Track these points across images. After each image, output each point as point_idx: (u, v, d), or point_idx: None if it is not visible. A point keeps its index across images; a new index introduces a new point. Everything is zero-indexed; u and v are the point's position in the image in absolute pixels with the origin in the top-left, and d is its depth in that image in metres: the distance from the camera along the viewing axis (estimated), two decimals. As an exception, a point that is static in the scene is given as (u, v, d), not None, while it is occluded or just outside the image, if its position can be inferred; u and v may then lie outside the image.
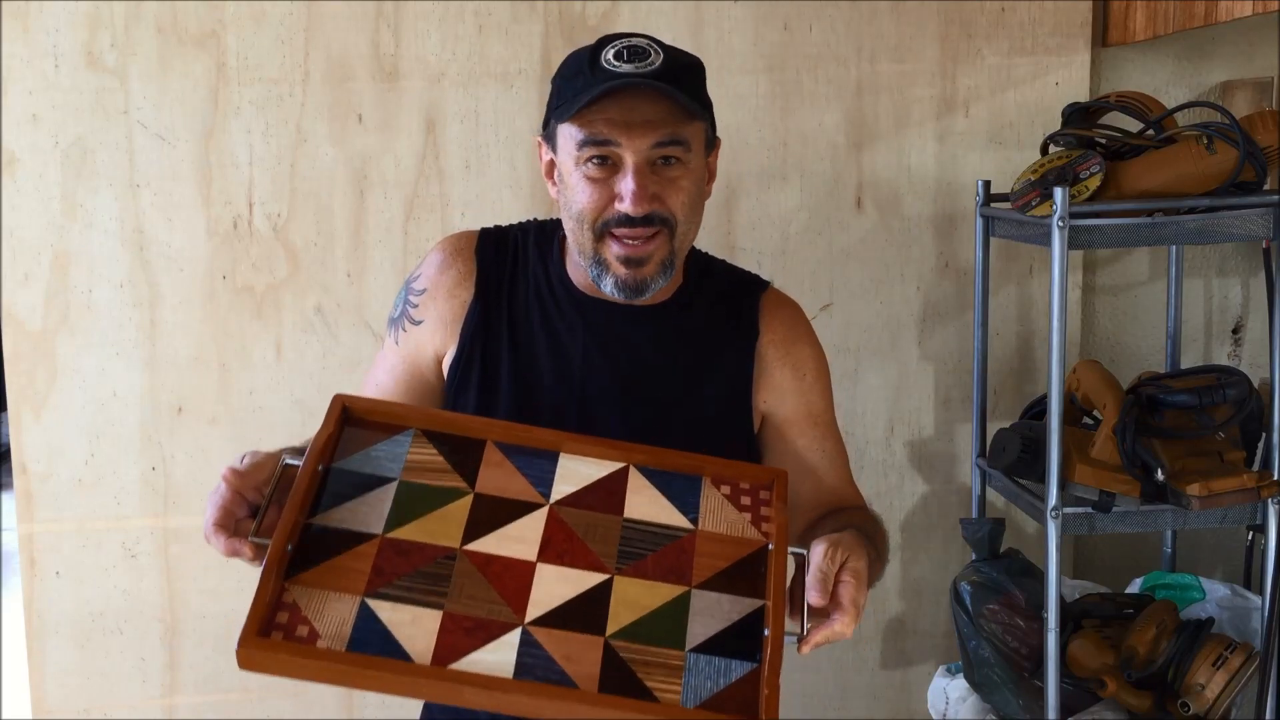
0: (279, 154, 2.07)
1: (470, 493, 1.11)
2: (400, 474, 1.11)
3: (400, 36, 2.07)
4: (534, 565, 1.06)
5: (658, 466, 1.17)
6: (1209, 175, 1.79)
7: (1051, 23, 2.15)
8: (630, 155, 1.23)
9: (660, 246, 1.27)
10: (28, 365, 2.08)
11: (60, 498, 2.10)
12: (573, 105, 1.23)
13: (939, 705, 2.07)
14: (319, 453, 1.09)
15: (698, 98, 1.27)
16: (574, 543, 1.09)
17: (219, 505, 1.08)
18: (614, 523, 1.11)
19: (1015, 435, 1.93)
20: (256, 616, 0.97)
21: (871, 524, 1.32)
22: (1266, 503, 1.82)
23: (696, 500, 1.14)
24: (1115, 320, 2.28)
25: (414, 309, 1.38)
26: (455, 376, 1.36)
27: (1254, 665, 1.83)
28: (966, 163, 2.18)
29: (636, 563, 1.09)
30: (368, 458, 1.12)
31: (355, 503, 1.08)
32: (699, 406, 1.35)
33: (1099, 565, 2.30)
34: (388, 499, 1.09)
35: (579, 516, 1.11)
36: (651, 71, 1.22)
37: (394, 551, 1.05)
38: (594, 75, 1.23)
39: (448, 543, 1.06)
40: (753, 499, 1.16)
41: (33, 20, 2.01)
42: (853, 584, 1.09)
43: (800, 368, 1.40)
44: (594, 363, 1.34)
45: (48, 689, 2.14)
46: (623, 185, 1.23)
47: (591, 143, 1.23)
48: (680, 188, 1.26)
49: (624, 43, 1.25)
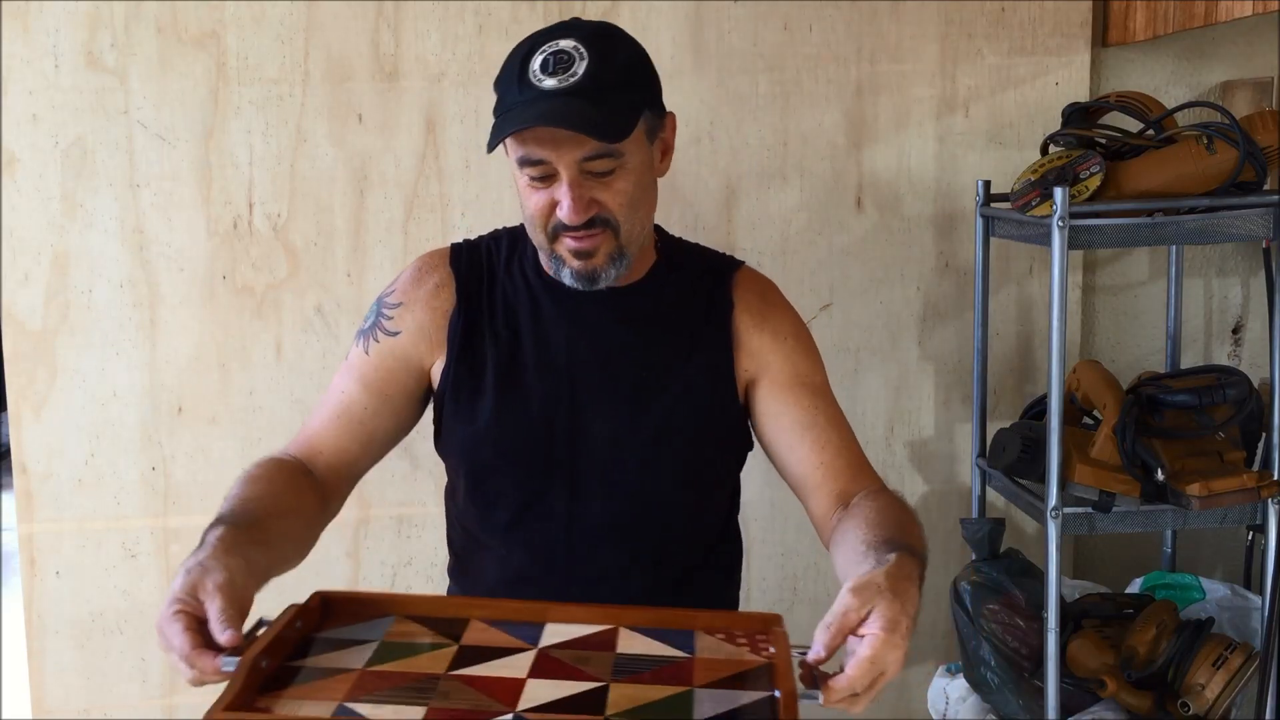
0: (279, 154, 2.07)
1: (455, 645, 1.08)
2: (381, 638, 1.08)
3: (400, 36, 2.07)
4: (524, 680, 1.01)
5: (648, 625, 1.12)
6: (1209, 175, 1.79)
7: (1051, 23, 2.15)
8: (563, 169, 1.26)
9: (605, 241, 1.30)
10: (28, 365, 2.08)
11: (60, 498, 2.10)
12: (502, 127, 1.26)
13: (939, 705, 2.07)
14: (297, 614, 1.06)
15: (621, 107, 1.26)
16: (566, 667, 1.04)
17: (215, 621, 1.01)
18: (607, 656, 1.06)
19: (1015, 435, 1.93)
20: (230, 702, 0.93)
21: (906, 515, 1.24)
22: (1266, 503, 1.82)
23: (691, 642, 1.10)
24: (1115, 320, 2.28)
25: (388, 320, 1.40)
26: (447, 383, 1.38)
27: (1254, 665, 1.83)
28: (966, 163, 2.18)
29: (633, 675, 1.03)
30: (347, 630, 1.09)
31: (333, 654, 1.05)
32: (683, 381, 1.37)
33: (1099, 565, 2.30)
34: (368, 652, 1.05)
35: (570, 654, 1.07)
36: (572, 86, 1.23)
37: (375, 678, 1.00)
38: (521, 90, 1.25)
39: (431, 671, 1.02)
40: (750, 640, 1.11)
41: (33, 20, 2.01)
42: (879, 639, 0.97)
43: (779, 332, 1.41)
44: (578, 348, 1.37)
45: (48, 689, 2.14)
46: (559, 195, 1.27)
47: (527, 162, 1.27)
48: (617, 190, 1.29)
49: (550, 48, 1.26)
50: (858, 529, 1.21)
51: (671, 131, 1.37)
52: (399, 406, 1.41)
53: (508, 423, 1.36)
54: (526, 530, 1.38)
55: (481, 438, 1.37)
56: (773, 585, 2.23)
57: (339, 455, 1.38)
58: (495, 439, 1.37)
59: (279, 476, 1.30)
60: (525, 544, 1.38)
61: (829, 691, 0.97)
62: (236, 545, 1.11)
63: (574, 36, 1.27)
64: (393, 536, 2.17)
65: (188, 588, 1.04)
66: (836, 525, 1.29)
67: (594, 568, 1.36)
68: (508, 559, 1.40)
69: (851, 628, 0.99)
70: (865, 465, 1.38)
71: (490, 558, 1.42)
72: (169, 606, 1.03)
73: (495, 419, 1.36)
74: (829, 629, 0.99)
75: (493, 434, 1.36)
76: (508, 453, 1.37)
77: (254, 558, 1.11)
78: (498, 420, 1.36)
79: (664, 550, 1.39)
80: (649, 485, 1.36)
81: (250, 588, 1.08)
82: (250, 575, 1.08)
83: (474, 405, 1.37)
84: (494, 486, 1.38)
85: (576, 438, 1.36)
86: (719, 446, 1.41)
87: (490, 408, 1.36)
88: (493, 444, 1.37)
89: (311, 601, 1.11)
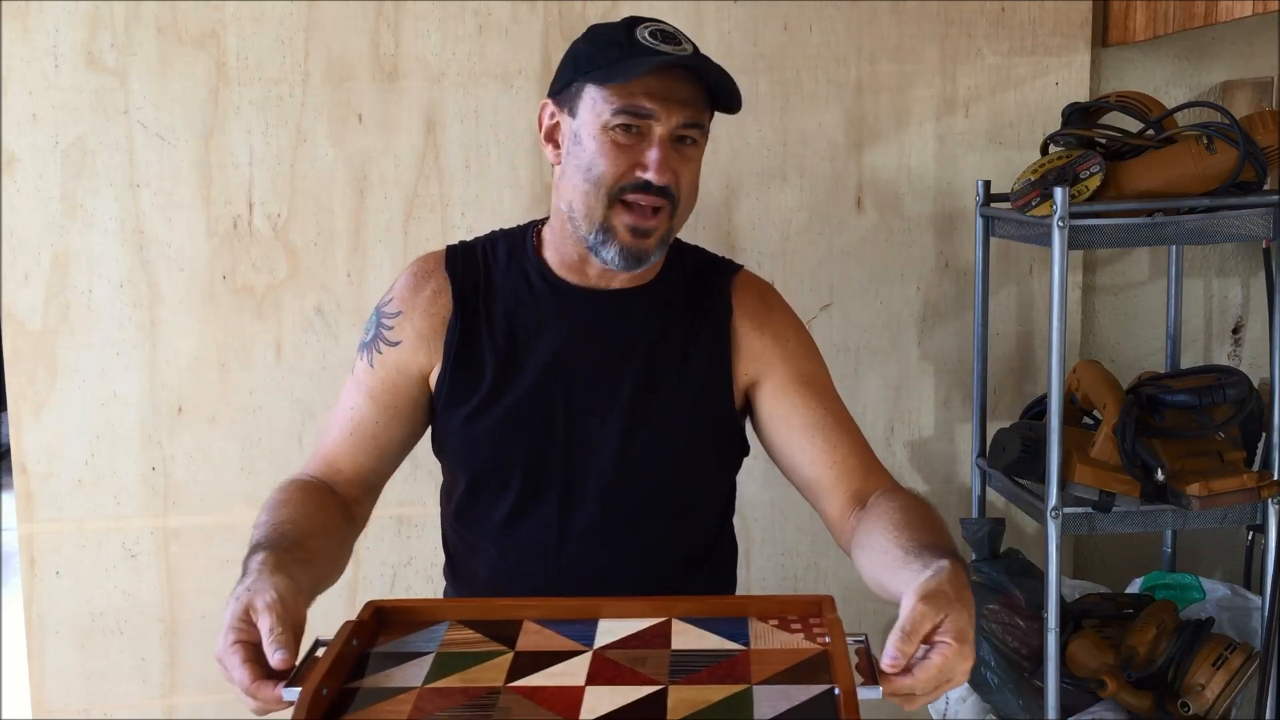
0: (279, 154, 2.07)
1: (511, 651, 1.08)
2: (437, 649, 1.09)
3: (400, 36, 2.07)
4: (583, 689, 1.01)
5: (700, 615, 1.13)
6: (1209, 175, 1.79)
7: (1051, 23, 2.15)
8: (661, 128, 1.28)
9: (662, 222, 1.31)
10: (28, 365, 2.08)
11: (60, 498, 2.10)
12: (617, 73, 1.26)
13: (939, 705, 2.07)
14: (353, 631, 1.07)
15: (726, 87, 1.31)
16: (622, 670, 1.04)
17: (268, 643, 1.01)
18: (662, 654, 1.07)
19: (1015, 435, 1.93)
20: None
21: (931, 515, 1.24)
22: (1266, 503, 1.82)
23: (745, 631, 1.11)
24: (1115, 320, 2.28)
25: (389, 330, 1.40)
26: (444, 389, 1.38)
27: (1254, 665, 1.83)
28: (966, 163, 2.18)
29: (690, 675, 1.03)
30: (402, 643, 1.10)
31: (390, 670, 1.05)
32: (680, 385, 1.37)
33: (1099, 565, 2.30)
34: (426, 665, 1.05)
35: (625, 654, 1.07)
36: (687, 57, 1.28)
37: (435, 695, 1.00)
38: (632, 48, 1.27)
39: (490, 684, 1.02)
40: (803, 624, 1.11)
41: (33, 20, 2.01)
42: (952, 649, 0.99)
43: (780, 335, 1.41)
44: (578, 348, 1.36)
45: (48, 689, 2.14)
46: (649, 155, 1.28)
47: (628, 111, 1.27)
48: (692, 168, 1.32)
49: (655, 25, 1.30)
50: (886, 532, 1.20)
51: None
52: (408, 416, 1.41)
53: (503, 424, 1.36)
54: (519, 531, 1.38)
55: (477, 439, 1.37)
56: (772, 585, 2.23)
57: (357, 471, 1.39)
58: (491, 441, 1.37)
59: (306, 499, 1.30)
60: (518, 545, 1.38)
61: (890, 684, 0.98)
62: (280, 566, 1.11)
63: (667, 24, 1.32)
64: (392, 536, 2.17)
65: (240, 614, 1.03)
66: (857, 526, 1.28)
67: (586, 570, 1.36)
68: (499, 560, 1.40)
69: (926, 636, 1.00)
70: (877, 463, 1.38)
71: (483, 559, 1.42)
72: (226, 637, 1.03)
73: (490, 421, 1.36)
74: (905, 636, 0.98)
75: (488, 436, 1.36)
76: (503, 454, 1.37)
77: (298, 576, 1.10)
78: (495, 423, 1.36)
79: (656, 553, 1.39)
80: (643, 489, 1.36)
81: (300, 606, 1.07)
82: (298, 593, 1.08)
83: (470, 408, 1.37)
84: (489, 488, 1.39)
85: (572, 440, 1.36)
86: (715, 451, 1.41)
87: (486, 410, 1.36)
88: (488, 446, 1.37)
89: (365, 614, 1.11)
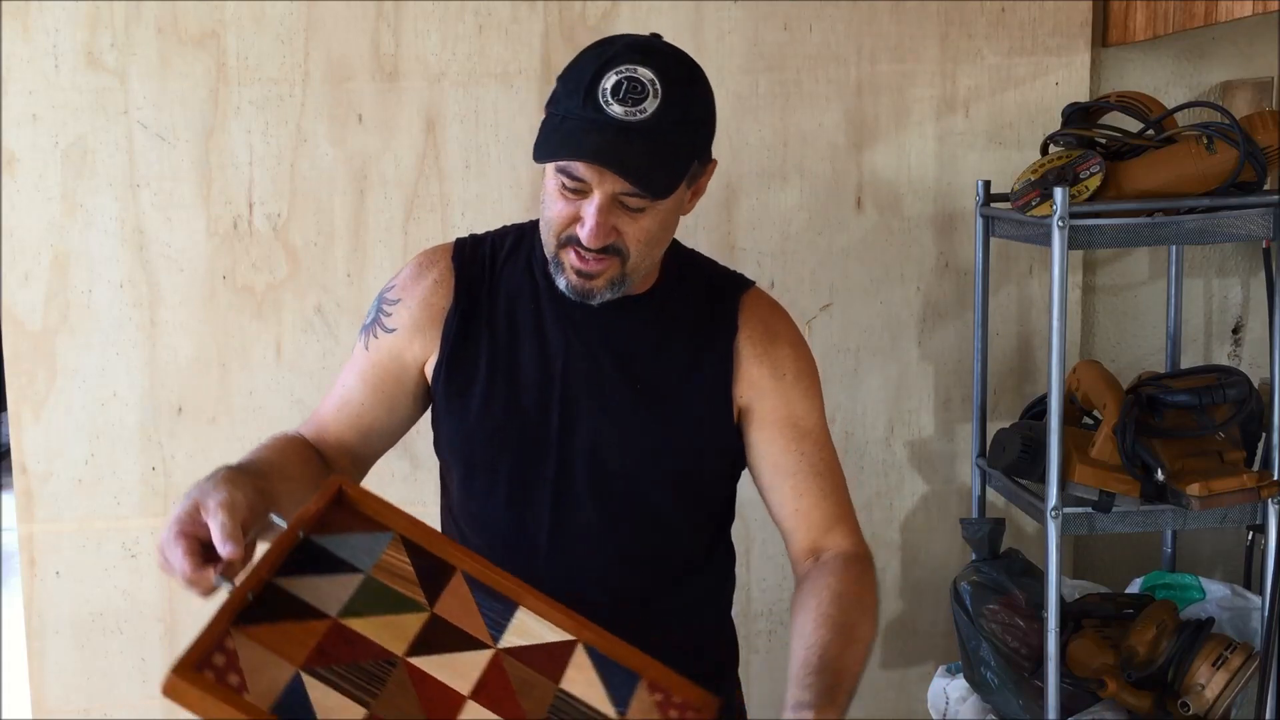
0: (279, 154, 2.07)
1: (428, 611, 1.12)
2: (370, 569, 1.12)
3: (400, 36, 2.07)
4: (464, 699, 1.06)
5: (603, 651, 1.16)
6: (1209, 175, 1.79)
7: (1051, 23, 2.15)
8: (598, 193, 1.24)
9: (611, 268, 1.29)
10: (28, 365, 2.08)
11: (60, 498, 2.10)
12: (543, 144, 1.25)
13: (939, 705, 2.07)
14: (303, 520, 1.09)
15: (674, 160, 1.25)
16: (507, 693, 1.09)
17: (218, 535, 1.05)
18: (549, 688, 1.11)
19: (1015, 435, 1.93)
20: (199, 650, 0.97)
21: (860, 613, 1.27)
22: (1266, 503, 1.82)
23: (629, 696, 1.14)
24: (1115, 320, 2.28)
25: (386, 317, 1.41)
26: (440, 381, 1.38)
27: (1254, 665, 1.84)
28: (966, 163, 2.18)
29: None
30: (344, 542, 1.12)
31: (320, 579, 1.08)
32: (679, 395, 1.36)
33: (1099, 565, 2.30)
34: (351, 587, 1.09)
35: (519, 670, 1.11)
36: (637, 123, 1.21)
37: (340, 638, 1.05)
38: (584, 106, 1.22)
39: (392, 648, 1.07)
40: (680, 714, 1.15)
41: (33, 20, 2.01)
42: None
43: (779, 367, 1.39)
44: (576, 353, 1.36)
45: (48, 689, 2.14)
46: (586, 214, 1.25)
47: (566, 173, 1.25)
48: (641, 226, 1.27)
49: (627, 72, 1.22)
50: (806, 621, 1.24)
51: (709, 176, 1.35)
52: (395, 403, 1.41)
53: (499, 418, 1.36)
54: (512, 528, 1.38)
55: (472, 431, 1.37)
56: (772, 585, 2.23)
57: (340, 443, 1.42)
58: (486, 434, 1.36)
59: (288, 448, 1.34)
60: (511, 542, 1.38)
61: None
62: (241, 479, 1.13)
63: (654, 68, 1.23)
64: (393, 536, 2.17)
65: (189, 509, 1.07)
66: (799, 584, 1.33)
67: (579, 570, 1.36)
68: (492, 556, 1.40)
69: None
70: (843, 519, 1.38)
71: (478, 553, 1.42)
72: (171, 529, 1.06)
73: (487, 413, 1.36)
74: None
75: (484, 428, 1.36)
76: (497, 448, 1.36)
77: (253, 498, 1.12)
78: (489, 415, 1.36)
79: (651, 556, 1.38)
80: (636, 492, 1.36)
81: (256, 508, 1.10)
82: (255, 500, 1.10)
83: (466, 399, 1.37)
84: (483, 482, 1.38)
85: (566, 439, 1.36)
86: (712, 462, 1.40)
87: (482, 403, 1.36)
88: (483, 439, 1.37)
89: (328, 494, 1.13)
